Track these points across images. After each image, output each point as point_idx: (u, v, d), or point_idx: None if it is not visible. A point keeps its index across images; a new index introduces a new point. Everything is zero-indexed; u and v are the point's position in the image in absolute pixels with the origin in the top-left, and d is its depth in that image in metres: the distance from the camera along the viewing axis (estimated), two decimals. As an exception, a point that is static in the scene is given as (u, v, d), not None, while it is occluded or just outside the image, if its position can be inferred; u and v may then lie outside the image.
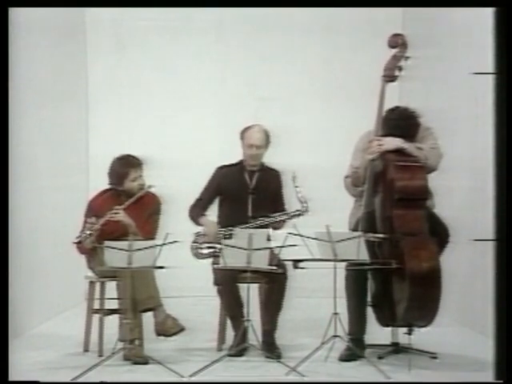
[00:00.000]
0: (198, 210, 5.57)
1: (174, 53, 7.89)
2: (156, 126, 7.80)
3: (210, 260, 5.49)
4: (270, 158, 5.66)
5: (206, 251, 5.49)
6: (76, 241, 5.29)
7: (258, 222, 5.43)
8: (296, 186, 5.44)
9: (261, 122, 5.67)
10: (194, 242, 5.53)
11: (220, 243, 5.13)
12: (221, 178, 5.61)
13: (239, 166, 5.60)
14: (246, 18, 7.65)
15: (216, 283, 5.40)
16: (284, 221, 5.50)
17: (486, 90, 4.34)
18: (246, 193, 5.52)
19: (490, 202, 4.10)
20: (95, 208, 5.45)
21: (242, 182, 5.55)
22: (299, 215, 5.48)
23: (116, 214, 5.31)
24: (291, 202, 5.61)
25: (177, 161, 7.54)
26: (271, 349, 5.26)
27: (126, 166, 5.43)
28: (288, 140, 7.60)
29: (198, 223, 5.55)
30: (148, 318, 5.26)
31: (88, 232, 5.27)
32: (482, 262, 5.27)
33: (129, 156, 5.48)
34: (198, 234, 5.54)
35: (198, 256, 5.52)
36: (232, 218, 5.46)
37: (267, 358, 5.17)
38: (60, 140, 7.05)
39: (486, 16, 4.18)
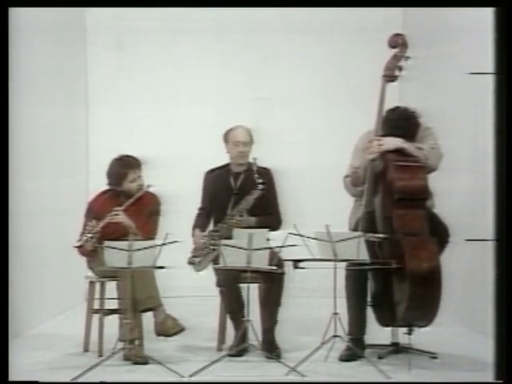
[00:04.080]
0: (200, 220, 5.57)
1: (173, 53, 7.89)
2: (156, 126, 7.80)
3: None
4: (270, 158, 5.64)
5: (201, 264, 5.46)
6: (77, 245, 5.28)
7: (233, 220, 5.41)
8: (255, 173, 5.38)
9: (260, 123, 5.67)
10: (193, 257, 5.49)
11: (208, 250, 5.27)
12: (210, 182, 5.63)
13: (225, 169, 5.60)
14: (245, 18, 7.64)
15: (218, 284, 5.40)
16: (277, 221, 5.47)
17: (485, 90, 4.34)
18: (230, 194, 5.51)
19: (490, 203, 4.11)
20: (95, 209, 5.45)
21: (226, 185, 5.53)
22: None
23: (116, 215, 5.31)
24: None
25: (177, 161, 7.54)
26: (271, 348, 5.26)
27: (124, 166, 5.42)
28: (287, 140, 7.63)
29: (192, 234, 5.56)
30: (148, 318, 5.26)
31: (89, 235, 5.26)
32: (482, 261, 5.26)
33: (127, 157, 5.48)
34: (192, 249, 5.52)
35: (196, 268, 5.48)
36: (216, 221, 5.49)
37: (267, 358, 5.16)
38: (60, 140, 7.04)
39: (485, 16, 4.18)
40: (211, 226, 5.55)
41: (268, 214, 5.50)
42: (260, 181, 5.39)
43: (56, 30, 6.91)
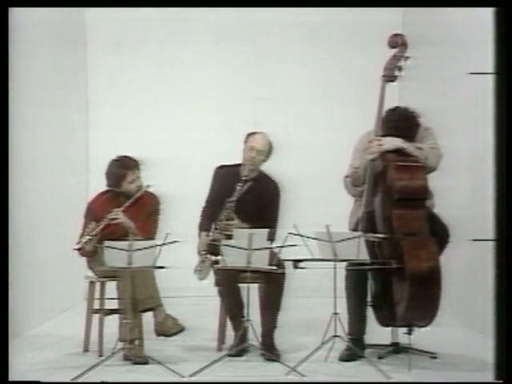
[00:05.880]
0: (205, 220, 5.54)
1: (173, 53, 7.89)
2: (156, 126, 7.81)
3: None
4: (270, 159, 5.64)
5: (202, 272, 5.46)
6: (76, 247, 5.27)
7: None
8: None
9: (260, 122, 5.66)
10: (199, 265, 5.49)
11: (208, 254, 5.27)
12: (218, 178, 5.60)
13: (236, 170, 5.55)
14: (246, 18, 7.65)
15: (217, 284, 5.39)
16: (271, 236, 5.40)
17: (486, 90, 4.34)
18: (231, 200, 5.48)
19: (490, 202, 4.11)
20: (95, 210, 5.44)
21: (230, 190, 5.48)
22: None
23: (116, 217, 5.30)
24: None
25: (177, 161, 7.55)
26: (270, 351, 5.24)
27: (123, 167, 5.41)
28: (287, 140, 7.61)
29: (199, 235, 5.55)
30: (148, 318, 5.26)
31: (88, 237, 5.25)
32: (482, 261, 5.27)
33: (125, 157, 5.46)
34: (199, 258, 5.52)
35: (199, 277, 5.47)
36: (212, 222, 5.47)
37: (266, 360, 5.16)
38: (60, 140, 7.05)
39: (485, 16, 4.18)
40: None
41: (263, 224, 5.29)
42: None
43: (56, 29, 6.92)
